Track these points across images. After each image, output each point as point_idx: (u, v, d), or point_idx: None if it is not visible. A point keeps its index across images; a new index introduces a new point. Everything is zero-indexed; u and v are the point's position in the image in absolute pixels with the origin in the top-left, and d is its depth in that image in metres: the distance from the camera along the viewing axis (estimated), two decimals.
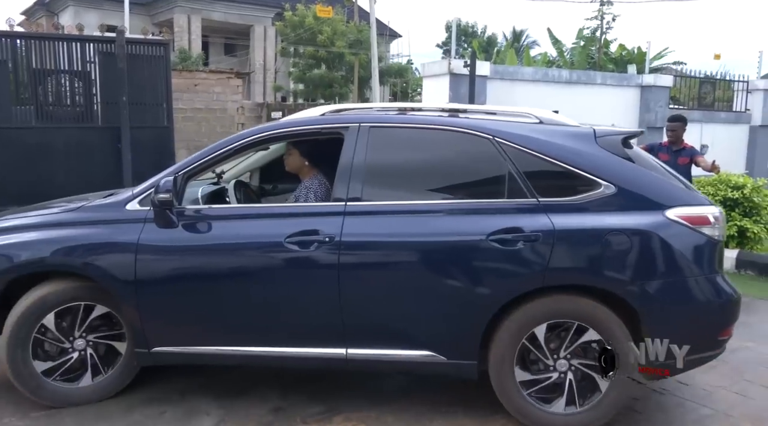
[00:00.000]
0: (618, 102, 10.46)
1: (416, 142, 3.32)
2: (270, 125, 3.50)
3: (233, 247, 3.19)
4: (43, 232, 3.30)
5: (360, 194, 3.15)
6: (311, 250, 3.08)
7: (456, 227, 3.09)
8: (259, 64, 31.64)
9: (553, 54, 24.86)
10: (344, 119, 3.41)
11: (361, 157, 3.19)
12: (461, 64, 8.40)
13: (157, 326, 3.22)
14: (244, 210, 3.50)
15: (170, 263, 3.23)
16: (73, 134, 6.08)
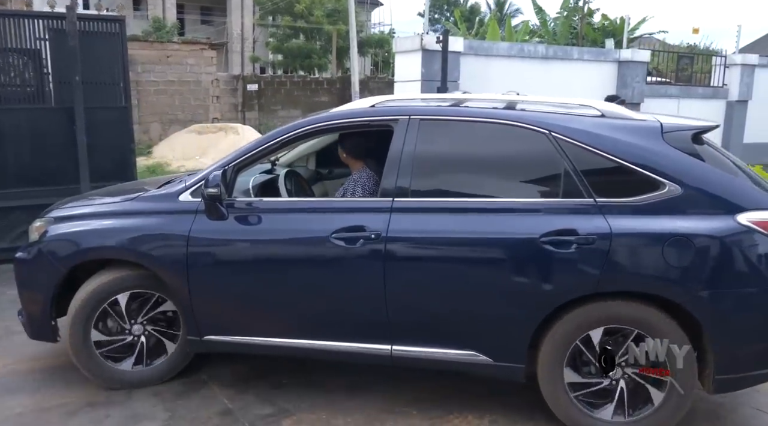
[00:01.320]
0: (595, 77, 10.31)
1: (467, 136, 3.19)
2: (319, 117, 3.42)
3: (280, 241, 3.22)
4: (102, 221, 3.43)
5: (408, 190, 3.07)
6: (357, 246, 3.03)
7: (506, 227, 2.96)
8: (236, 34, 30.97)
9: (536, 23, 24.57)
10: (394, 111, 3.30)
11: (409, 151, 3.10)
12: (434, 39, 8.17)
13: (207, 315, 3.29)
14: (292, 204, 3.48)
15: (219, 255, 3.27)
16: (24, 116, 5.80)
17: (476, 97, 3.61)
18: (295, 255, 3.20)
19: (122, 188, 4.15)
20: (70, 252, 3.39)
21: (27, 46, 5.83)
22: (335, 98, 20.81)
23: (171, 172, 14.89)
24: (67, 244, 3.41)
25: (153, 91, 17.11)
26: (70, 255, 3.38)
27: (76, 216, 3.51)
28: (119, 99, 6.23)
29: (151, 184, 3.83)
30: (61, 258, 3.38)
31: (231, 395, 3.41)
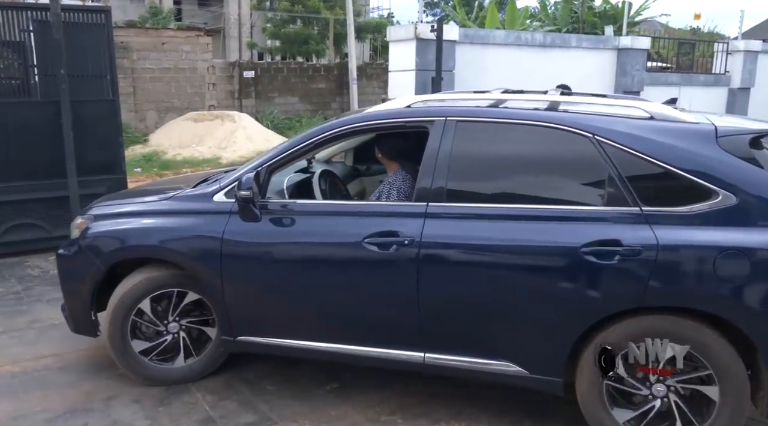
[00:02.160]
0: (594, 65, 10.15)
1: (505, 138, 3.05)
2: (354, 117, 3.35)
3: (312, 244, 3.17)
4: (139, 219, 3.46)
5: (443, 195, 2.98)
6: (390, 251, 2.97)
7: (545, 236, 2.82)
8: (234, 20, 30.69)
9: (536, 7, 24.25)
10: (430, 112, 3.18)
11: (445, 154, 3.00)
12: (428, 28, 8.01)
13: (241, 316, 3.30)
14: (324, 207, 3.41)
15: (252, 256, 3.24)
16: (9, 109, 5.69)
17: (516, 96, 3.45)
18: (327, 259, 3.15)
19: (159, 186, 4.18)
20: (109, 250, 3.45)
21: (11, 39, 5.71)
22: (333, 85, 20.65)
23: (167, 160, 14.78)
24: (106, 242, 3.47)
25: (149, 79, 16.95)
26: (109, 253, 3.44)
27: (115, 214, 3.58)
28: (106, 92, 6.12)
29: (187, 182, 3.82)
30: (100, 255, 3.45)
31: (213, 402, 3.35)
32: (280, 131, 18.11)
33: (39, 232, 5.97)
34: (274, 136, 17.13)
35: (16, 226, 5.89)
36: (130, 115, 16.73)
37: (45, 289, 5.05)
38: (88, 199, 6.10)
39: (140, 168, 14.13)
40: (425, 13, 39.78)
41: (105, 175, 6.19)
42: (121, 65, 16.38)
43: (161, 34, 17.46)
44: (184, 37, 17.56)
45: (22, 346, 3.99)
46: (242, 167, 3.39)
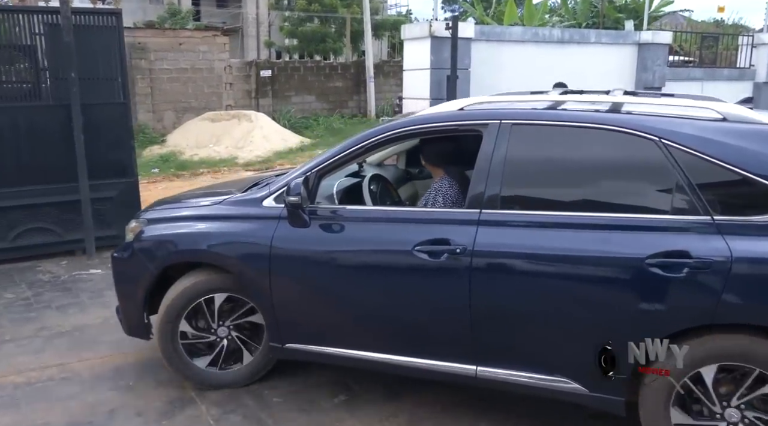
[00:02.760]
0: (613, 61, 9.93)
1: (564, 142, 2.88)
2: (405, 121, 3.25)
3: (361, 251, 3.11)
4: (191, 224, 3.47)
5: (497, 202, 2.84)
6: (441, 260, 2.85)
7: (607, 246, 2.64)
8: (252, 18, 30.74)
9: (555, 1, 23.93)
10: (483, 115, 3.05)
11: (500, 159, 2.85)
12: (443, 26, 7.88)
13: (289, 323, 3.26)
14: (374, 213, 3.31)
15: (301, 263, 3.18)
16: (20, 113, 5.66)
17: (575, 97, 3.28)
18: (376, 266, 3.07)
19: (211, 190, 4.17)
20: (162, 254, 3.46)
21: (22, 43, 5.69)
22: (350, 83, 20.56)
23: (184, 161, 14.81)
24: (159, 246, 3.49)
25: (166, 79, 17.00)
26: (162, 257, 3.45)
27: (168, 218, 3.60)
28: (118, 94, 6.07)
29: (238, 186, 3.80)
30: (153, 259, 3.47)
31: (217, 415, 3.26)
32: (296, 130, 18.08)
33: (51, 237, 5.95)
34: (291, 136, 17.10)
35: (28, 231, 5.87)
36: (147, 115, 16.82)
37: (55, 295, 5.02)
38: (100, 203, 6.14)
39: (157, 168, 14.18)
40: (443, 10, 39.53)
41: (117, 179, 6.15)
42: (139, 66, 16.48)
43: (178, 35, 17.51)
44: (201, 37, 17.59)
45: (28, 355, 3.94)
46: (292, 171, 3.34)
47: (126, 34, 17.35)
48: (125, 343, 4.10)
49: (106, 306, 4.77)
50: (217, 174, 13.74)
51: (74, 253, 6.04)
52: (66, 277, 5.46)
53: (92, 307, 4.78)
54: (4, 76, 5.71)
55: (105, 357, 3.94)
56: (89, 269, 5.66)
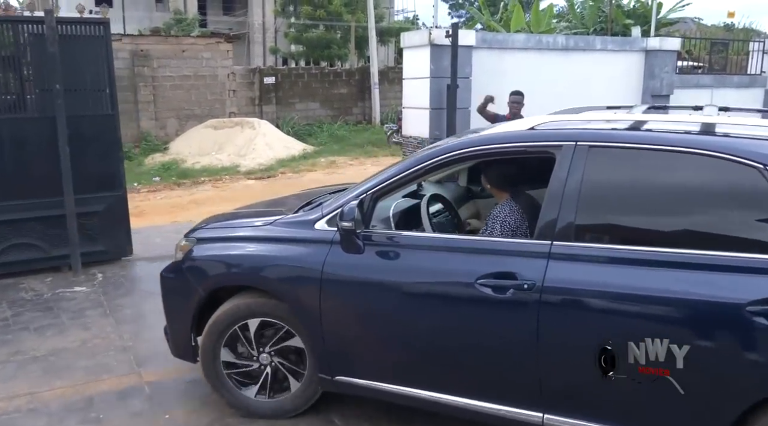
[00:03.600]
0: (620, 68, 9.70)
1: (650, 168, 2.56)
2: (468, 140, 2.99)
3: (419, 283, 2.85)
4: (240, 245, 3.34)
5: (571, 233, 2.55)
6: (506, 296, 2.58)
7: (698, 288, 2.32)
8: (258, 25, 30.69)
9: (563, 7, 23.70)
10: (557, 135, 2.77)
11: (575, 185, 2.57)
12: (443, 33, 7.68)
13: (339, 355, 3.06)
14: (433, 241, 3.03)
15: (353, 292, 2.98)
16: (4, 126, 5.50)
17: (661, 116, 2.98)
18: (435, 299, 2.81)
19: (262, 209, 3.96)
20: (209, 276, 3.36)
21: (6, 53, 5.53)
22: (354, 90, 20.41)
23: (186, 169, 14.67)
24: (207, 267, 3.38)
25: (169, 87, 16.92)
26: (209, 279, 3.34)
27: (217, 238, 3.48)
28: (105, 106, 5.90)
29: (291, 204, 3.64)
30: (200, 281, 3.36)
31: None
32: (300, 137, 17.94)
33: (36, 253, 5.78)
34: (294, 143, 16.96)
35: (12, 246, 5.70)
36: (150, 123, 16.73)
37: (35, 315, 4.84)
38: (86, 218, 5.97)
39: (158, 177, 14.05)
40: (450, 15, 39.42)
41: (104, 192, 5.98)
42: (142, 73, 16.41)
43: (181, 42, 17.42)
44: (204, 44, 17.50)
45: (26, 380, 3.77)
46: (346, 193, 3.14)
47: (128, 41, 17.36)
48: (101, 369, 3.94)
49: (85, 327, 4.60)
50: (219, 182, 13.60)
51: (60, 269, 5.87)
52: (49, 296, 5.28)
53: (71, 328, 4.59)
54: None
55: (78, 385, 3.75)
56: (73, 287, 5.48)
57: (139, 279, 5.79)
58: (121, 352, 4.18)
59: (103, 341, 4.36)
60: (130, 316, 4.81)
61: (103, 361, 4.06)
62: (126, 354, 4.16)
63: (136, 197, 11.90)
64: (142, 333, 4.49)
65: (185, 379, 3.82)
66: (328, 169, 14.63)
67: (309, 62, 24.45)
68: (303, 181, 13.13)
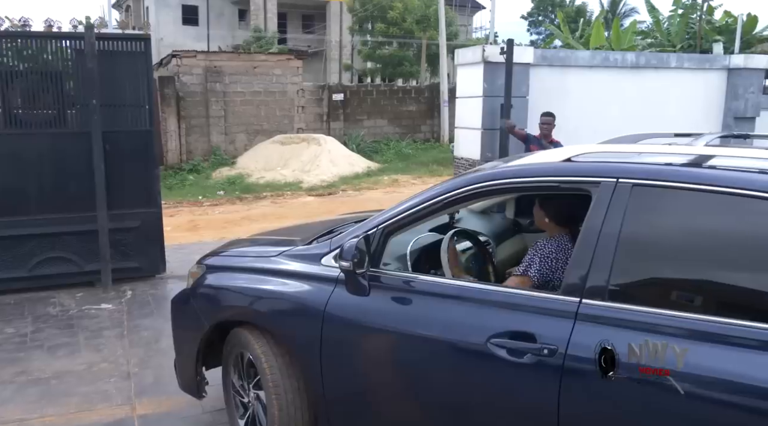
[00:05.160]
0: (698, 88, 8.92)
1: (709, 214, 2.06)
2: (492, 173, 2.59)
3: (424, 336, 2.42)
4: (246, 277, 3.05)
5: (604, 291, 2.08)
6: (523, 360, 2.14)
7: (758, 372, 1.79)
8: (335, 42, 31.06)
9: (648, 23, 22.58)
10: (594, 169, 2.31)
11: (613, 231, 2.11)
12: (497, 50, 7.25)
13: (337, 410, 2.70)
14: (445, 288, 2.51)
15: (352, 340, 2.61)
16: (45, 140, 5.57)
17: (734, 151, 2.44)
18: (441, 357, 2.39)
19: (277, 237, 3.67)
20: (212, 308, 3.16)
21: (49, 68, 5.60)
22: (423, 107, 20.14)
23: (250, 183, 14.81)
24: (211, 299, 3.18)
25: (240, 102, 17.23)
26: (212, 311, 3.14)
27: (225, 268, 3.21)
28: (143, 122, 5.86)
29: (311, 232, 3.30)
30: (205, 312, 3.16)
31: None
32: (366, 154, 17.82)
33: (70, 267, 5.79)
34: (359, 160, 16.85)
35: (48, 260, 5.73)
36: (220, 137, 17.07)
37: (53, 332, 4.78)
38: (121, 234, 5.94)
39: (223, 191, 14.25)
40: (529, 32, 38.56)
41: (139, 209, 5.93)
42: (214, 89, 16.79)
43: (253, 58, 17.74)
44: (275, 61, 17.75)
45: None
46: (359, 226, 2.78)
47: (203, 58, 17.84)
48: (97, 397, 3.77)
49: (97, 349, 4.48)
50: (279, 198, 13.62)
51: (94, 284, 5.85)
52: (74, 312, 5.23)
53: (84, 349, 4.48)
54: (30, 102, 5.63)
55: (69, 414, 3.59)
56: (100, 304, 5.42)
57: (165, 298, 5.67)
58: (123, 379, 4.01)
59: (110, 366, 4.21)
60: (144, 340, 4.66)
61: (103, 388, 3.90)
62: (128, 381, 3.99)
63: (196, 210, 12.07)
64: (152, 359, 4.31)
65: (181, 414, 3.60)
66: (389, 188, 14.39)
67: (384, 79, 24.42)
68: (361, 199, 12.94)
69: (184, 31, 31.74)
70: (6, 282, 5.58)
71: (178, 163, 16.27)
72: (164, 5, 31.97)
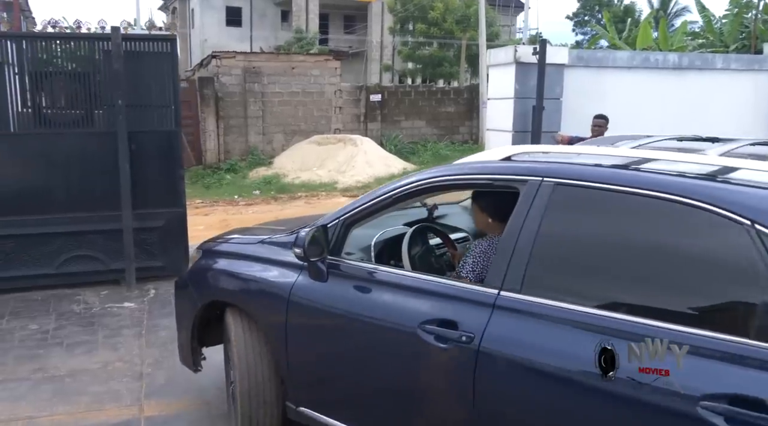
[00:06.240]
0: (746, 91, 8.51)
1: (621, 215, 2.13)
2: (436, 170, 2.76)
3: (366, 320, 2.63)
4: (231, 262, 3.30)
5: (521, 283, 2.18)
6: (446, 346, 2.28)
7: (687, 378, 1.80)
8: (376, 42, 31.05)
9: (700, 23, 21.80)
10: (525, 169, 2.42)
11: (533, 226, 2.21)
12: (529, 51, 7.05)
13: (302, 386, 2.97)
14: (384, 276, 2.70)
15: (313, 322, 2.87)
16: (72, 140, 5.65)
17: (672, 155, 2.37)
18: (380, 340, 2.59)
19: (266, 227, 3.92)
20: (202, 288, 3.42)
21: (76, 69, 5.68)
22: (462, 108, 19.92)
23: (285, 183, 14.87)
24: (202, 280, 3.45)
25: (277, 102, 17.34)
26: (202, 292, 3.40)
27: (216, 252, 3.48)
28: (169, 122, 5.89)
29: (296, 224, 3.45)
30: (197, 292, 3.44)
31: None
32: (402, 156, 17.71)
33: (96, 265, 5.85)
34: (395, 161, 16.74)
35: (75, 258, 5.80)
36: (258, 137, 17.21)
37: (74, 329, 4.83)
38: (146, 233, 5.98)
39: (258, 191, 14.35)
40: (575, 33, 37.81)
41: (164, 209, 5.96)
42: (252, 89, 16.93)
43: (291, 59, 17.84)
44: (313, 62, 17.81)
45: (4, 403, 3.70)
46: (320, 219, 2.98)
47: (241, 58, 18.01)
48: (108, 397, 3.79)
49: (115, 348, 4.50)
50: (313, 198, 13.63)
51: (119, 282, 5.90)
52: (97, 309, 5.29)
53: (102, 348, 4.51)
54: (58, 103, 5.72)
55: (78, 413, 3.60)
56: (123, 302, 5.46)
57: None
58: (135, 380, 4.01)
59: (124, 365, 4.22)
60: (161, 340, 4.66)
61: (115, 387, 3.91)
62: (139, 382, 3.99)
63: (230, 210, 12.17)
64: (166, 360, 4.30)
65: (189, 416, 3.59)
66: None
67: (425, 80, 24.27)
68: None
69: (228, 32, 32.22)
70: (34, 279, 5.68)
71: (216, 163, 16.46)
72: (209, 7, 32.51)
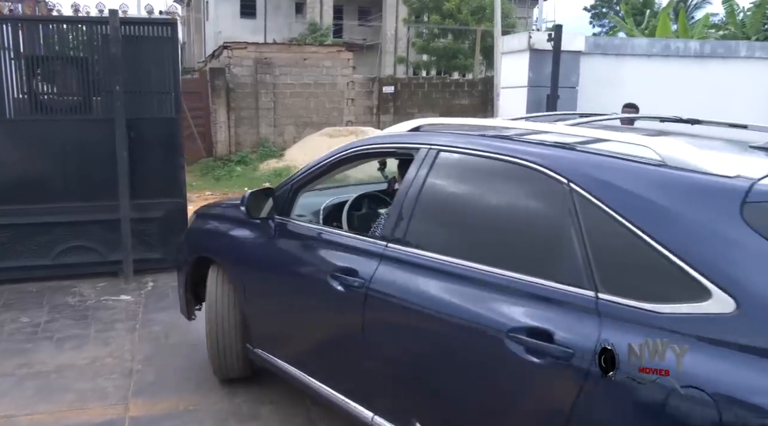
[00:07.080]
0: None
1: (474, 176, 2.50)
2: (362, 140, 3.17)
3: (294, 271, 3.13)
4: (213, 222, 3.87)
5: (403, 236, 2.55)
6: (347, 292, 2.65)
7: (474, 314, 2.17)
8: (390, 34, 30.75)
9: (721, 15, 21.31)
10: (417, 139, 2.76)
11: (416, 188, 2.56)
12: (544, 37, 6.77)
13: (255, 329, 3.41)
14: (310, 231, 3.14)
15: (261, 272, 3.36)
16: (69, 127, 5.47)
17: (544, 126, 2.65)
18: (304, 287, 3.04)
19: None
20: (190, 247, 3.91)
21: (74, 54, 5.50)
22: (476, 101, 19.59)
23: None
24: (191, 238, 4.01)
25: (289, 94, 17.14)
26: (190, 250, 3.88)
27: (205, 215, 4.00)
28: (168, 109, 5.70)
29: None
30: (188, 249, 3.91)
31: None
32: None
33: (94, 256, 5.69)
34: None
35: (72, 248, 5.65)
36: (269, 129, 17.03)
37: (67, 323, 4.67)
38: (144, 224, 5.79)
39: (269, 183, 14.17)
40: (592, 24, 37.19)
41: (163, 199, 5.78)
42: (263, 81, 16.74)
43: (303, 50, 17.61)
44: (325, 53, 17.57)
45: None
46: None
47: (253, 49, 17.76)
48: (93, 395, 3.61)
49: (106, 343, 4.33)
50: None
51: (117, 274, 5.73)
52: (92, 302, 5.12)
53: (92, 342, 4.34)
54: (55, 88, 5.55)
55: (60, 412, 3.42)
56: (120, 295, 5.30)
57: None
58: (124, 377, 3.83)
59: (114, 361, 4.05)
60: (154, 335, 4.48)
61: (101, 385, 3.73)
62: (128, 379, 3.80)
63: None
64: (157, 356, 4.12)
65: (177, 418, 3.41)
66: None
67: (439, 72, 23.96)
68: None
69: (242, 24, 32.04)
70: (30, 270, 5.53)
71: (226, 155, 16.30)
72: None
